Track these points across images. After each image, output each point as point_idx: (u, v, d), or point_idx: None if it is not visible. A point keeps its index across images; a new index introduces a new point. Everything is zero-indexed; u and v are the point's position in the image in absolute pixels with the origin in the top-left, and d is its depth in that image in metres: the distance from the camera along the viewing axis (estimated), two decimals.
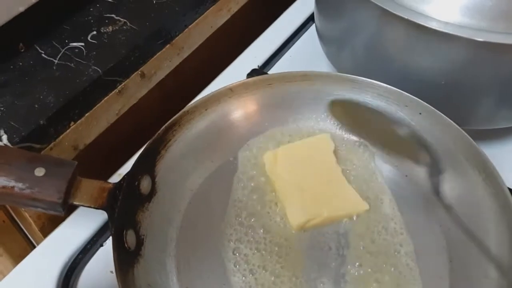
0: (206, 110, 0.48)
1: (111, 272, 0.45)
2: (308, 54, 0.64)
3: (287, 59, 0.64)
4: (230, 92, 0.49)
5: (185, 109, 0.47)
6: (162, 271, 0.43)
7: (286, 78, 0.50)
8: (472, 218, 0.43)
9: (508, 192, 0.41)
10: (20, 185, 0.38)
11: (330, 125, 0.51)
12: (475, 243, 0.42)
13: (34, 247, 0.50)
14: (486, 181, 0.43)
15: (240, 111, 0.50)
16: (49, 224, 0.49)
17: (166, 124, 0.45)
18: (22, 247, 0.53)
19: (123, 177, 0.42)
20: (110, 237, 0.47)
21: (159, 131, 0.45)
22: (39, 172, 0.38)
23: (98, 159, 0.52)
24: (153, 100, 0.57)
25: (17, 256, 0.53)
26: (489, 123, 0.52)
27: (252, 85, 0.49)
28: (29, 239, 0.53)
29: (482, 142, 0.47)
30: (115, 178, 0.51)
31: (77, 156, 0.49)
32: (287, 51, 0.65)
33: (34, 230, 0.49)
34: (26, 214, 0.48)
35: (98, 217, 0.48)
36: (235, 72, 0.61)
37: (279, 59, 0.64)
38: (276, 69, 0.63)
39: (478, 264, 0.41)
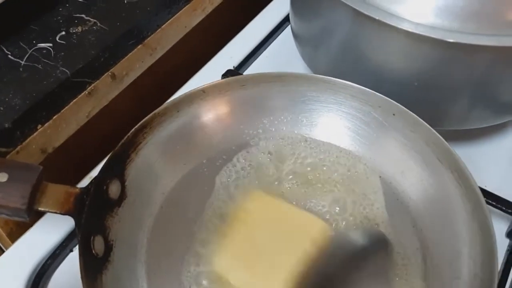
0: (178, 112, 0.47)
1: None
2: (284, 55, 0.64)
3: (263, 59, 0.64)
4: (202, 93, 0.48)
5: (156, 111, 0.46)
6: (133, 277, 0.42)
7: (260, 79, 0.49)
8: (445, 218, 0.43)
9: (479, 191, 0.41)
10: None
11: (305, 127, 0.50)
12: (447, 243, 0.42)
13: (2, 252, 0.49)
14: (458, 180, 0.43)
15: (213, 112, 0.49)
16: (17, 230, 0.48)
17: (136, 127, 0.44)
18: None
19: (91, 182, 0.41)
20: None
21: (128, 134, 0.44)
22: (2, 177, 0.37)
23: (68, 163, 0.51)
24: (125, 102, 0.55)
25: None
26: (462, 124, 0.52)
27: (225, 86, 0.49)
28: None
29: (454, 143, 0.47)
30: (86, 181, 0.50)
31: (46, 160, 0.48)
32: (263, 51, 0.64)
33: (1, 235, 0.48)
34: None
35: (67, 222, 0.47)
36: (210, 73, 0.60)
37: (255, 59, 0.63)
38: (252, 69, 0.62)
39: (451, 264, 0.41)
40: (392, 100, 0.47)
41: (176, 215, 0.45)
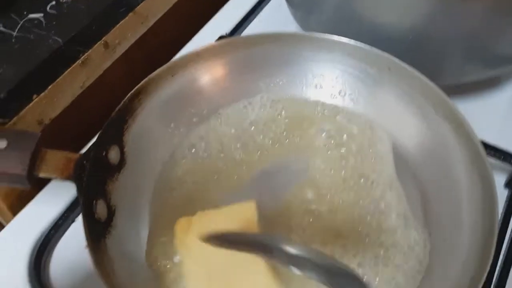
0: (172, 76, 0.47)
1: (86, 247, 0.44)
2: (277, 19, 0.63)
3: (256, 24, 0.63)
4: (196, 57, 0.48)
5: (151, 76, 0.46)
6: (137, 240, 0.42)
7: (253, 40, 0.49)
8: (444, 169, 0.43)
9: (477, 139, 0.41)
10: None
11: (301, 88, 0.50)
12: (447, 193, 0.42)
13: (3, 226, 0.49)
14: (456, 131, 0.43)
15: (208, 76, 0.48)
16: (18, 202, 0.48)
17: (131, 92, 0.44)
18: None
19: (90, 147, 0.41)
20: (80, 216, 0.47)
21: (124, 99, 0.44)
22: (1, 144, 0.37)
23: (65, 134, 0.51)
24: (119, 74, 0.55)
25: None
26: (457, 78, 0.52)
27: (220, 48, 0.48)
28: None
29: (451, 98, 0.47)
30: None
31: (43, 131, 0.48)
32: (255, 17, 0.64)
33: (2, 209, 0.48)
34: None
35: (68, 193, 0.47)
36: (203, 40, 0.60)
37: (248, 25, 0.63)
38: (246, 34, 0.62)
39: (451, 213, 0.41)
40: (387, 54, 0.47)
41: (176, 181, 0.45)
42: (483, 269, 0.36)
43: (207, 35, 0.60)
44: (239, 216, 0.40)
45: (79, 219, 0.47)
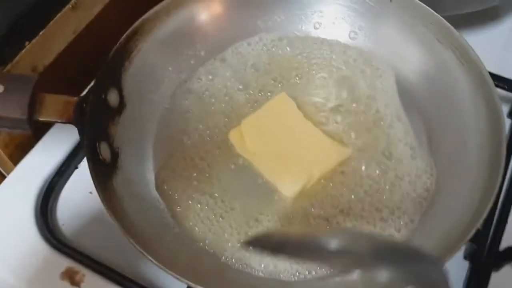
0: (168, 16, 0.45)
1: (90, 193, 0.44)
2: None
3: None
4: None
5: (145, 16, 0.44)
6: (143, 181, 0.42)
7: None
8: (448, 97, 0.43)
9: (482, 64, 0.41)
10: None
11: (300, 25, 0.49)
12: (452, 120, 0.42)
13: (4, 176, 0.48)
14: (460, 59, 0.43)
15: (205, 15, 0.47)
16: (18, 151, 0.47)
17: (126, 33, 0.43)
18: None
19: (88, 90, 0.40)
20: (84, 159, 0.45)
21: (120, 41, 0.42)
22: None
23: (60, 80, 0.49)
24: (110, 17, 0.53)
25: None
26: (456, 9, 0.51)
27: None
28: None
29: None
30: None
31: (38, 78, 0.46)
32: None
33: (3, 158, 0.47)
34: None
35: (68, 140, 0.47)
36: None
37: None
38: None
39: (456, 139, 0.41)
40: None
41: (177, 123, 0.45)
42: (491, 191, 0.36)
43: None
44: (279, 109, 0.44)
45: (82, 165, 0.47)
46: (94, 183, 0.36)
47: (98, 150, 0.39)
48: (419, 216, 0.40)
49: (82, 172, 0.46)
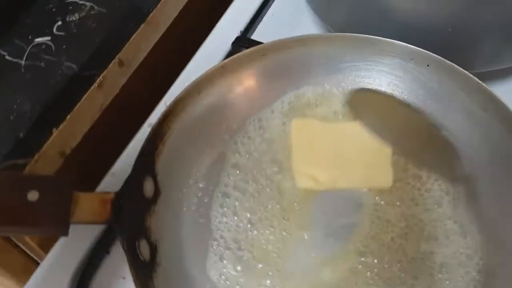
0: (199, 94, 0.44)
1: (123, 278, 0.43)
2: (292, 10, 0.60)
3: (270, 18, 0.59)
4: (222, 69, 0.45)
5: (178, 96, 0.43)
6: (182, 273, 0.40)
7: (280, 45, 0.46)
8: (498, 169, 0.41)
9: None
10: (14, 214, 0.34)
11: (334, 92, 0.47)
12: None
13: (36, 262, 0.47)
14: (503, 123, 0.41)
15: (236, 89, 0.46)
16: (47, 239, 0.46)
17: (159, 117, 0.41)
18: (21, 264, 0.50)
19: (125, 183, 0.39)
20: (115, 243, 0.45)
21: (153, 126, 0.41)
22: (33, 196, 0.34)
23: (86, 158, 0.48)
24: (133, 86, 0.52)
25: (19, 274, 0.49)
26: (494, 64, 0.49)
27: (245, 58, 0.45)
28: (28, 255, 0.49)
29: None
30: (109, 178, 0.48)
31: (65, 161, 0.45)
32: (268, 10, 0.60)
33: (32, 247, 0.46)
34: None
35: (94, 226, 0.45)
36: (217, 42, 0.56)
37: (261, 20, 0.59)
38: (260, 31, 0.58)
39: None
40: (424, 50, 0.44)
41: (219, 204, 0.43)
42: None
43: (221, 36, 0.57)
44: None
45: (113, 250, 0.45)
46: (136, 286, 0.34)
47: (138, 250, 0.37)
48: None
49: (114, 257, 0.45)
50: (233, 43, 0.55)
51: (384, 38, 0.45)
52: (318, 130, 0.45)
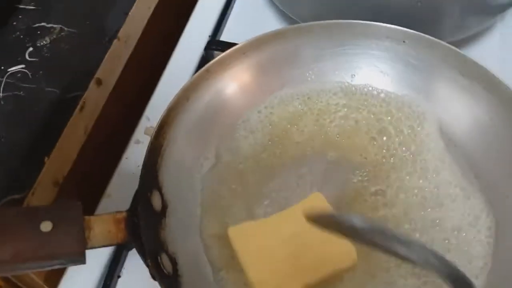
0: (188, 100, 0.43)
1: None
2: (254, 9, 0.61)
3: (235, 17, 0.60)
4: (207, 73, 0.44)
5: (169, 106, 0.42)
6: (205, 281, 0.39)
7: (259, 41, 0.46)
8: (481, 128, 0.43)
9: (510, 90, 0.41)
10: (30, 248, 0.32)
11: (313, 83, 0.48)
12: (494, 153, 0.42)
13: None
14: (487, 89, 0.43)
15: (224, 90, 0.45)
16: (52, 273, 0.44)
17: (155, 129, 0.41)
18: None
19: (133, 200, 0.38)
20: (125, 266, 0.45)
21: (150, 139, 0.40)
22: (47, 226, 0.33)
23: (78, 184, 0.47)
24: (113, 104, 0.51)
25: None
26: (458, 33, 0.52)
27: (227, 59, 0.45)
28: None
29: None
30: (106, 200, 0.46)
31: (60, 191, 0.43)
32: (231, 11, 0.60)
33: (37, 284, 0.44)
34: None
35: (102, 252, 0.44)
36: (187, 49, 0.56)
37: (228, 20, 0.59)
38: (229, 32, 0.59)
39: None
40: (400, 27, 0.45)
41: (220, 209, 0.43)
42: None
43: (190, 42, 0.57)
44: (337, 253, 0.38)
45: (124, 273, 0.44)
46: None
47: (162, 265, 0.36)
48: (490, 257, 0.39)
49: (125, 281, 0.44)
50: (206, 48, 0.54)
51: (359, 21, 0.46)
52: (257, 231, 0.40)
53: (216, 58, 0.45)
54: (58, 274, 0.43)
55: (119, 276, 0.44)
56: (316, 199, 0.41)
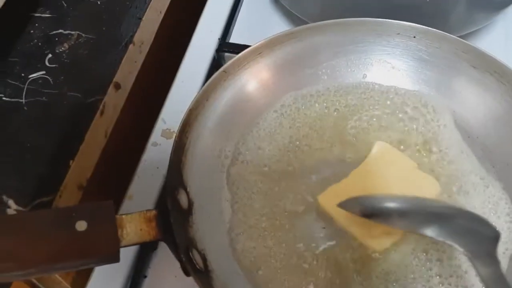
0: (207, 100, 0.44)
1: None
2: (261, 10, 0.62)
3: (244, 19, 0.61)
4: (224, 74, 0.45)
5: (190, 106, 0.42)
6: (234, 274, 0.40)
7: (273, 42, 0.47)
8: (497, 124, 0.44)
9: None
10: (67, 248, 0.33)
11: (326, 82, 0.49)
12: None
13: None
14: (499, 80, 0.44)
15: (242, 90, 0.46)
16: (79, 277, 0.44)
17: (178, 129, 0.41)
18: None
19: (161, 198, 0.38)
20: (151, 266, 0.46)
21: (175, 139, 0.41)
22: (81, 226, 0.33)
23: (101, 188, 0.47)
24: (130, 107, 0.51)
25: None
26: (466, 28, 0.53)
27: (243, 60, 0.46)
28: None
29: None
30: (127, 202, 0.47)
31: (84, 194, 0.44)
32: (239, 11, 0.61)
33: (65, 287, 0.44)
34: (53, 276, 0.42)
35: (127, 253, 0.44)
36: (198, 51, 0.57)
37: (236, 22, 0.60)
38: (238, 34, 0.59)
39: None
40: (410, 23, 0.46)
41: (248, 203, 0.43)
42: None
43: (200, 46, 0.57)
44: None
45: (150, 273, 0.45)
46: None
47: (194, 260, 0.37)
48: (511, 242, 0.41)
49: (151, 281, 0.45)
50: (217, 50, 0.55)
51: (369, 18, 0.47)
52: (344, 190, 0.42)
53: (233, 59, 0.46)
54: (84, 278, 0.44)
55: (145, 276, 0.45)
56: (381, 147, 0.44)
